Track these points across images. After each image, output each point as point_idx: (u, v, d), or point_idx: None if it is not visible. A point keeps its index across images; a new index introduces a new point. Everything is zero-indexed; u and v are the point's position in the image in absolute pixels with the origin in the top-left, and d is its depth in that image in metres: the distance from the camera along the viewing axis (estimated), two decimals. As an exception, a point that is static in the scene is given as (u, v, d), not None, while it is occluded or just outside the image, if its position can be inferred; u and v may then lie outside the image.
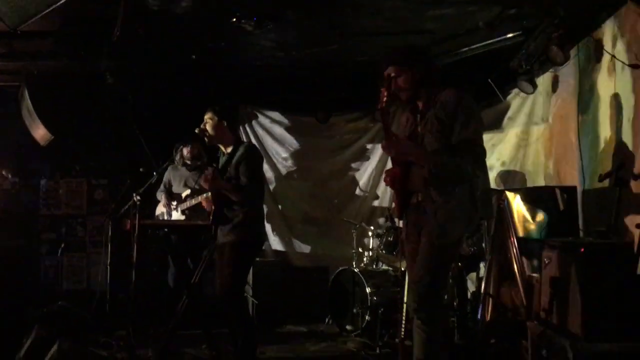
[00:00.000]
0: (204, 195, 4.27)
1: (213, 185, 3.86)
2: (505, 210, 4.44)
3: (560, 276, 3.15)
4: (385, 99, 3.01)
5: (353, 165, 7.03)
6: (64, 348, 3.48)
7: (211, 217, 3.97)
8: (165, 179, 6.07)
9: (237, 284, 3.85)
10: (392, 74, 3.05)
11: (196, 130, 4.10)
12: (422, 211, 3.04)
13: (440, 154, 2.94)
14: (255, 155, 4.12)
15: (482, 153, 2.99)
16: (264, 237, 4.26)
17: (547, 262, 3.34)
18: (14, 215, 6.85)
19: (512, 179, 5.78)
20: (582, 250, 2.97)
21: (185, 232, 5.59)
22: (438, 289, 2.99)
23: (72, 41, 5.41)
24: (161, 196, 6.01)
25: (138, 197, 4.11)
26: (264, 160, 6.96)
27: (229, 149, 4.11)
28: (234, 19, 4.57)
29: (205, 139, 4.12)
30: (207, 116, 4.09)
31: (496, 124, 5.99)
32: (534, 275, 3.97)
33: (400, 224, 3.36)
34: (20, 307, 5.71)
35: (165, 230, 5.66)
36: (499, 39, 5.24)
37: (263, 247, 6.82)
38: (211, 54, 5.93)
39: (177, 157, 5.98)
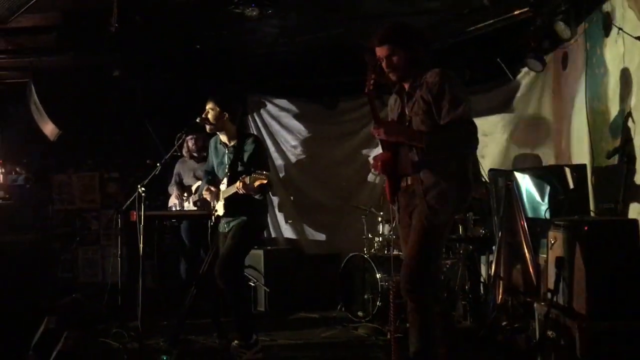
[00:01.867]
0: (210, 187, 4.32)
1: (246, 189, 3.84)
2: (513, 190, 4.39)
3: (565, 256, 3.12)
4: (372, 80, 2.98)
5: (363, 151, 6.98)
6: (72, 338, 3.54)
7: (216, 210, 4.01)
8: (175, 171, 6.13)
9: (235, 259, 3.95)
10: (386, 53, 3.01)
11: (197, 120, 4.12)
12: (411, 194, 3.03)
13: (433, 133, 2.91)
14: (264, 148, 4.29)
15: (474, 130, 2.94)
16: (265, 223, 4.33)
17: (552, 242, 3.31)
18: (29, 210, 6.96)
19: (524, 160, 5.71)
20: (586, 228, 2.93)
21: (195, 222, 5.68)
22: (429, 270, 2.96)
23: (75, 35, 5.49)
24: (173, 189, 6.07)
25: (142, 189, 4.13)
26: (274, 149, 7.09)
27: (233, 142, 4.13)
28: (232, 6, 4.56)
29: (207, 128, 4.15)
30: (209, 106, 4.12)
31: (507, 104, 5.92)
32: (543, 256, 3.92)
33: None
34: (37, 302, 5.84)
35: (173, 221, 5.80)
36: (505, 16, 5.16)
37: (273, 236, 6.97)
38: (214, 43, 5.95)
39: (184, 150, 6.03)
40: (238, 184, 3.83)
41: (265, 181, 3.68)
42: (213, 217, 4.15)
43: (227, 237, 4.06)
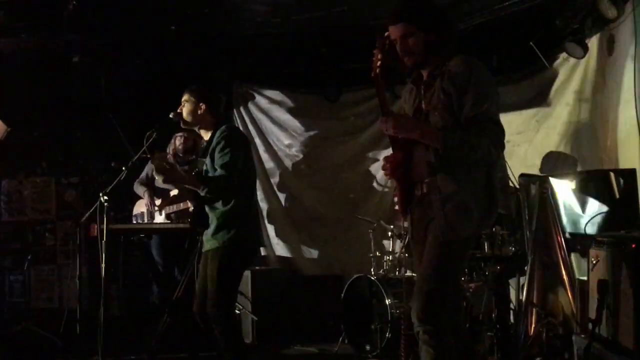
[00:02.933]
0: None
1: (169, 177, 3.85)
2: (549, 200, 4.39)
3: (609, 279, 3.11)
4: (379, 62, 2.96)
5: (370, 152, 6.99)
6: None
7: (190, 220, 3.99)
8: (147, 169, 6.07)
9: (222, 297, 3.85)
10: (401, 33, 2.96)
11: (171, 115, 4.12)
12: (427, 204, 3.01)
13: (453, 131, 2.89)
14: (232, 138, 3.97)
15: (501, 132, 2.92)
16: (254, 240, 4.20)
17: (594, 262, 3.31)
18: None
19: (563, 163, 5.70)
20: (634, 246, 2.92)
21: (168, 237, 5.68)
22: (446, 295, 2.93)
23: (27, 13, 5.49)
24: (143, 191, 6.02)
25: (105, 197, 4.13)
26: (264, 150, 7.09)
27: (208, 136, 4.13)
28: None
29: (182, 124, 4.15)
30: (184, 98, 4.12)
31: (541, 97, 5.92)
32: (584, 278, 3.92)
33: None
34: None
35: (142, 236, 5.79)
36: (540, -8, 5.18)
37: (263, 254, 6.95)
38: (194, 24, 5.96)
39: (169, 148, 6.03)
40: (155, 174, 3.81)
41: None
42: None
43: (206, 261, 3.98)
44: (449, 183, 2.92)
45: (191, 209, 5.68)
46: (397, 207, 3.28)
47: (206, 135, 4.14)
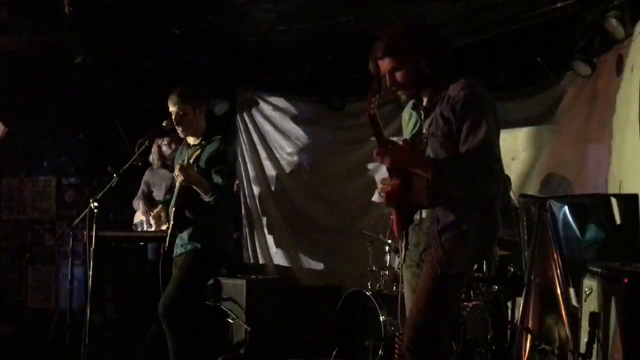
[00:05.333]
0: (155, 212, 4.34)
1: (188, 177, 3.85)
2: (548, 223, 4.29)
3: (600, 312, 3.02)
4: (373, 104, 2.86)
5: (372, 164, 6.89)
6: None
7: (170, 224, 3.98)
8: (143, 184, 6.08)
9: (182, 297, 3.91)
10: (389, 67, 2.89)
11: (164, 124, 4.09)
12: (425, 229, 2.94)
13: (446, 161, 2.82)
14: (233, 154, 4.22)
15: (494, 163, 2.79)
16: (226, 251, 4.26)
17: (587, 292, 3.23)
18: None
19: (566, 186, 5.60)
20: (626, 280, 2.83)
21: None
22: (438, 328, 2.86)
23: (30, 12, 5.47)
24: (139, 204, 6.02)
25: (95, 204, 4.09)
26: (266, 157, 7.05)
27: (197, 141, 4.09)
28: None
29: (180, 131, 4.11)
30: (175, 107, 4.08)
31: (548, 114, 5.83)
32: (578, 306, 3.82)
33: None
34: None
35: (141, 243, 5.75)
36: (548, 8, 5.09)
37: (261, 262, 6.91)
38: (198, 28, 5.92)
39: (154, 157, 5.98)
40: (176, 171, 3.83)
41: None
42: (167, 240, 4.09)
43: (177, 263, 4.05)
44: (448, 213, 2.85)
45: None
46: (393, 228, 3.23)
47: (195, 140, 4.12)
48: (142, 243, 5.85)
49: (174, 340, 3.94)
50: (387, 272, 5.63)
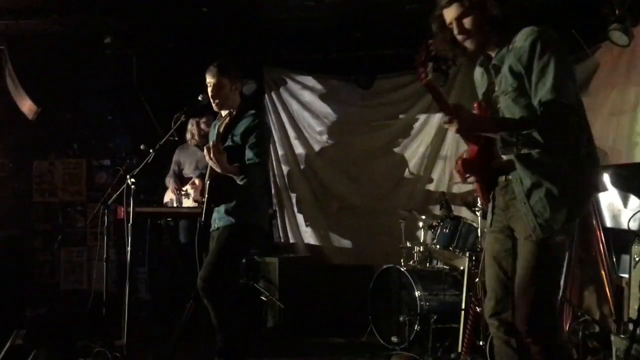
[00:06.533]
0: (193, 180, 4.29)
1: (220, 160, 3.81)
2: (589, 194, 4.22)
3: (654, 277, 2.95)
4: (425, 73, 2.72)
5: (402, 141, 6.87)
6: (42, 358, 3.50)
7: (205, 197, 3.96)
8: (175, 160, 6.09)
9: (222, 272, 3.90)
10: (456, 14, 2.73)
11: (200, 97, 4.06)
12: (511, 193, 2.77)
13: (517, 122, 2.67)
14: (268, 130, 4.20)
15: (569, 112, 2.59)
16: (264, 224, 4.26)
17: (637, 259, 3.16)
18: (5, 202, 7.01)
19: (603, 156, 5.50)
20: (682, 243, 2.76)
21: (195, 221, 5.61)
22: (551, 301, 2.71)
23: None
24: (169, 182, 6.03)
25: (132, 180, 4.08)
26: (295, 136, 7.02)
27: (232, 114, 4.06)
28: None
29: (215, 105, 4.08)
30: (213, 79, 4.04)
31: (582, 87, 5.70)
32: (624, 276, 3.77)
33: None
34: (12, 309, 5.86)
35: (169, 220, 5.75)
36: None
37: (292, 241, 6.90)
38: (227, 6, 5.89)
39: (188, 135, 5.99)
40: (206, 152, 3.78)
41: None
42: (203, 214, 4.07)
43: (215, 238, 4.04)
44: (530, 173, 2.68)
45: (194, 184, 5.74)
46: (476, 194, 3.11)
47: (229, 114, 4.09)
48: (178, 219, 5.85)
49: (216, 312, 3.93)
50: (420, 248, 5.60)
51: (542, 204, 2.64)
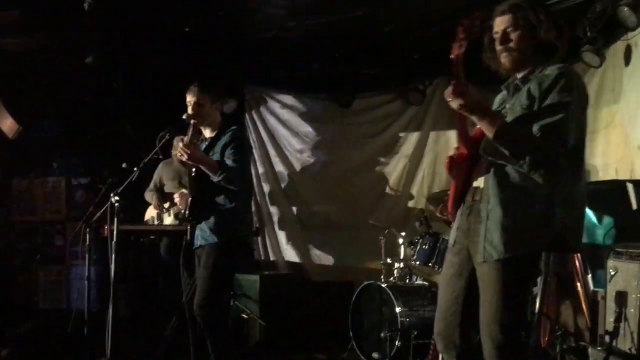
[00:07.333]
0: (181, 190, 4.30)
1: (193, 155, 3.84)
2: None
3: (628, 290, 3.05)
4: (457, 50, 2.63)
5: (382, 158, 6.96)
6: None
7: (187, 212, 3.98)
8: (156, 176, 6.10)
9: (216, 292, 3.90)
10: (506, 25, 2.69)
11: (184, 116, 4.09)
12: (475, 216, 2.73)
13: (515, 127, 2.63)
14: (246, 141, 4.25)
15: (555, 152, 2.55)
16: (251, 239, 4.29)
17: (612, 273, 3.25)
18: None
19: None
20: (654, 257, 2.86)
21: (177, 239, 5.63)
22: (514, 324, 2.59)
23: (42, 12, 5.48)
24: (151, 197, 6.04)
25: (116, 198, 4.11)
26: (275, 154, 7.06)
27: (213, 134, 4.12)
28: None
29: (196, 123, 4.13)
30: (193, 98, 4.09)
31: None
32: (600, 290, 3.86)
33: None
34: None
35: (152, 237, 5.76)
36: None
37: (272, 259, 6.92)
38: (208, 26, 5.93)
39: (174, 151, 6.01)
40: (179, 150, 3.80)
41: None
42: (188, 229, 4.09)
43: (200, 256, 4.02)
44: (501, 191, 2.65)
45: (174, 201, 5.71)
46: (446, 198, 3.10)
47: (211, 133, 4.14)
48: (152, 237, 5.85)
49: (213, 338, 3.90)
50: (400, 265, 5.65)
51: (495, 226, 2.62)
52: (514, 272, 2.60)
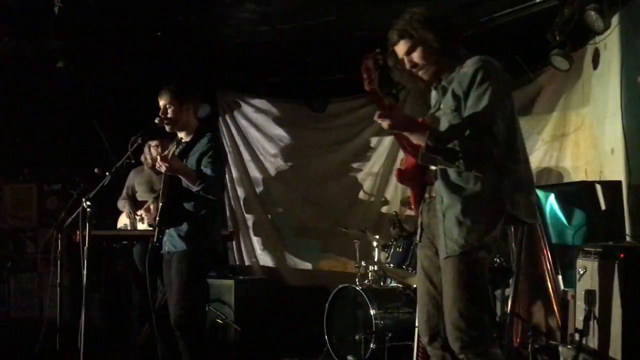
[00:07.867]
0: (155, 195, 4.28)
1: (172, 166, 3.83)
2: (535, 212, 4.37)
3: (596, 289, 3.10)
4: (369, 80, 2.83)
5: (356, 163, 6.99)
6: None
7: (157, 218, 3.96)
8: (128, 184, 6.06)
9: (194, 301, 3.89)
10: (404, 50, 2.90)
11: (156, 120, 4.08)
12: (433, 211, 2.92)
13: (442, 132, 2.81)
14: (222, 149, 4.21)
15: (492, 144, 2.70)
16: (219, 247, 4.26)
17: (581, 272, 3.30)
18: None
19: (547, 175, 5.71)
20: (622, 256, 2.91)
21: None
22: (478, 315, 2.73)
23: (12, 18, 5.43)
24: (124, 205, 5.99)
25: (88, 203, 4.06)
26: (249, 159, 7.06)
27: (188, 138, 4.10)
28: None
29: (168, 128, 4.12)
30: (164, 102, 4.08)
31: (525, 109, 5.92)
32: (570, 290, 3.91)
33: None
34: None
35: (124, 242, 5.71)
36: (527, 4, 5.19)
37: (247, 264, 6.91)
38: (180, 31, 5.92)
39: (143, 158, 5.97)
40: (159, 161, 3.80)
41: None
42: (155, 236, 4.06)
43: (170, 264, 3.99)
44: (449, 192, 2.81)
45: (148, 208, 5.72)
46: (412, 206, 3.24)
47: (186, 137, 4.13)
48: (125, 242, 5.80)
49: (192, 349, 3.87)
50: (375, 268, 5.68)
51: (452, 223, 2.79)
52: (472, 261, 2.75)
